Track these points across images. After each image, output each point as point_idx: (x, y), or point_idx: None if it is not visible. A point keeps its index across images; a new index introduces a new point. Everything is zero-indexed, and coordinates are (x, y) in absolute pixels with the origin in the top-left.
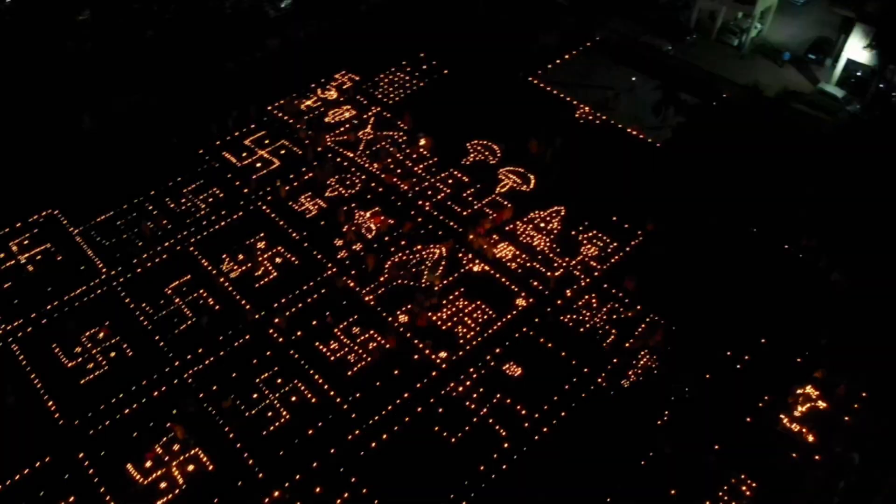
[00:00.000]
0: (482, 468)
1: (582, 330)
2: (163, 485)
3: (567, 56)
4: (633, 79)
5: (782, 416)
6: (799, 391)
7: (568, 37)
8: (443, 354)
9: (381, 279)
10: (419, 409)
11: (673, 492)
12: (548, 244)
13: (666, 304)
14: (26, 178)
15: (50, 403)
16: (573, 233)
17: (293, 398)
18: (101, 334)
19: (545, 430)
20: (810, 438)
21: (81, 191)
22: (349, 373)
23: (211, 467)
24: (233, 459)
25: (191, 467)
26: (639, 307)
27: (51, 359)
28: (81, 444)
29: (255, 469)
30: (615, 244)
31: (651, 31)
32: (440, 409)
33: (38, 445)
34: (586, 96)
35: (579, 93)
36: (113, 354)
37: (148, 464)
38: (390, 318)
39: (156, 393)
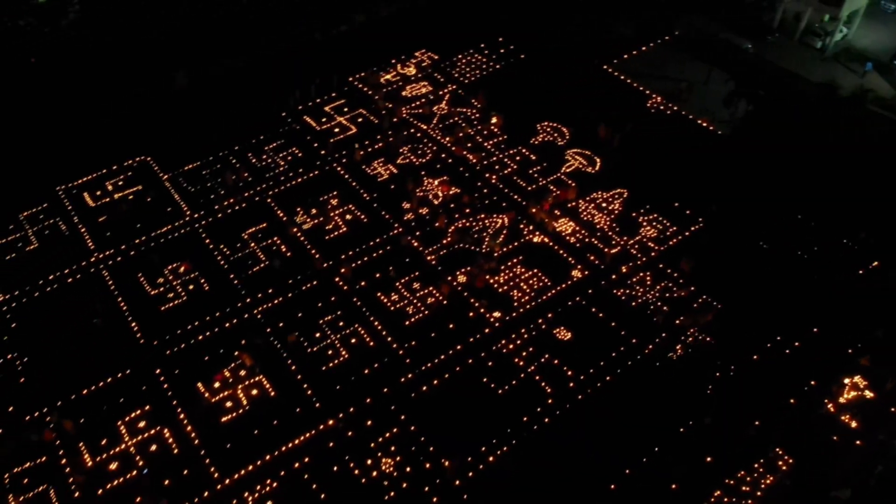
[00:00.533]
0: (525, 419)
1: (634, 304)
2: (228, 404)
3: (644, 48)
4: (710, 72)
5: (827, 401)
6: (846, 380)
7: (646, 29)
8: (497, 314)
9: (444, 241)
10: (470, 360)
11: (709, 458)
12: (608, 223)
13: (720, 288)
14: (124, 127)
15: (133, 325)
16: (633, 214)
17: (353, 340)
18: (182, 269)
19: (589, 391)
20: (853, 425)
21: (172, 141)
22: (406, 322)
23: (273, 394)
24: (293, 389)
25: (255, 392)
26: (692, 288)
27: (136, 286)
28: (158, 362)
29: (312, 399)
30: (674, 228)
31: (731, 28)
32: (490, 363)
33: (121, 360)
34: (659, 87)
35: (652, 83)
36: (191, 287)
37: (216, 384)
38: (449, 277)
39: (227, 324)
